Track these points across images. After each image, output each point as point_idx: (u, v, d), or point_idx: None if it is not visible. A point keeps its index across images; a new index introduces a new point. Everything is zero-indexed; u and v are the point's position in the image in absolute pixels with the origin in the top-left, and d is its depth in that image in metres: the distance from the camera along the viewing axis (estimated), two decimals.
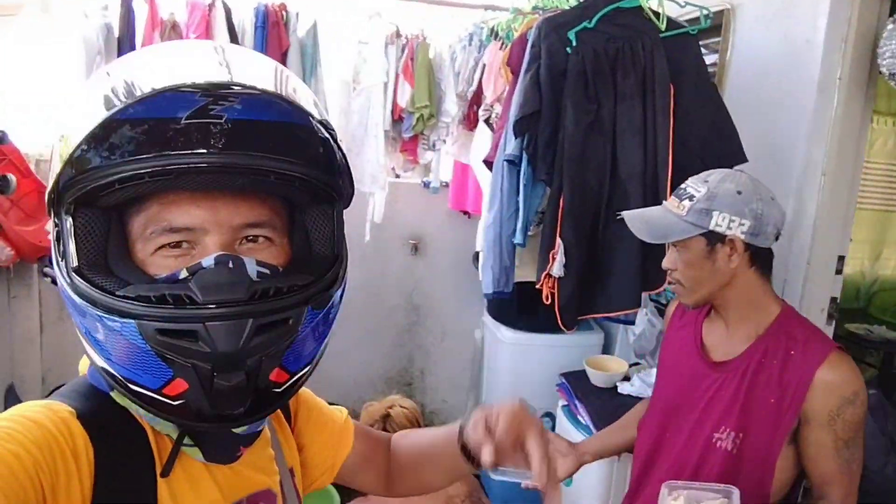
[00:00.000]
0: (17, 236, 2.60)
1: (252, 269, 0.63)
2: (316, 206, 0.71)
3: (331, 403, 0.97)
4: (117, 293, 0.59)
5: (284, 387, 0.66)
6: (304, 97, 0.68)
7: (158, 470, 0.67)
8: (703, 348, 1.43)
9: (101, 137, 0.59)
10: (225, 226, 0.64)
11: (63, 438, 0.61)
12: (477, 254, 3.07)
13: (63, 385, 0.72)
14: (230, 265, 0.62)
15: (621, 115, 1.81)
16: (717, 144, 1.89)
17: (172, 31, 2.57)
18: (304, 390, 0.91)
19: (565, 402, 2.55)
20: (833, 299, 2.09)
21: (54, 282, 2.35)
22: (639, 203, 1.77)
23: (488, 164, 1.95)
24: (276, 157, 0.62)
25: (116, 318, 0.59)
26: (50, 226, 0.65)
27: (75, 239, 0.62)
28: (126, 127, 0.59)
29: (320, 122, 0.68)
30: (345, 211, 0.73)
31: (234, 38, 2.70)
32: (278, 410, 0.87)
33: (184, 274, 0.61)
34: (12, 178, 2.49)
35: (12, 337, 2.77)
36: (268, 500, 0.78)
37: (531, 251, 2.01)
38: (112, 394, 0.68)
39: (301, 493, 0.88)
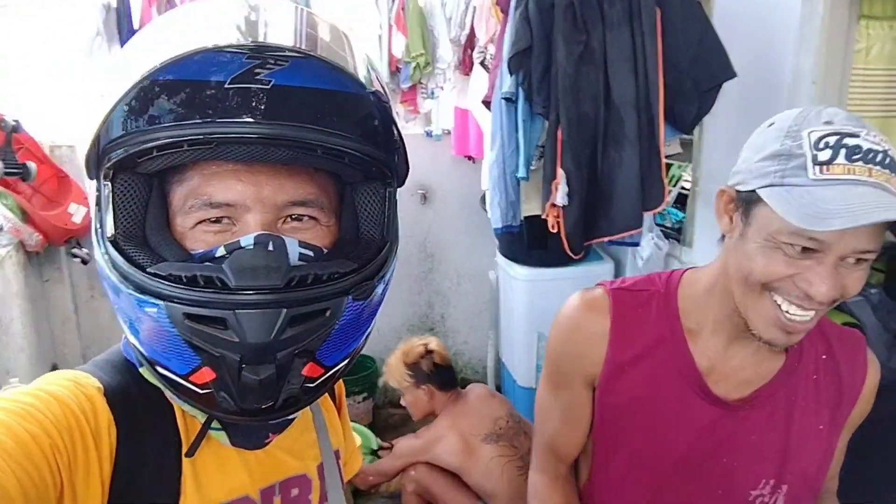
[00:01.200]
0: (44, 221, 2.71)
1: (294, 251, 0.60)
2: (367, 185, 0.66)
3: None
4: (148, 270, 0.56)
5: (318, 382, 0.62)
6: (359, 61, 0.63)
7: (184, 451, 0.65)
8: (703, 380, 1.00)
9: (139, 99, 0.55)
10: (268, 203, 0.60)
11: (84, 417, 0.58)
12: (484, 195, 3.14)
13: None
14: (270, 246, 0.58)
15: (611, 43, 1.85)
16: (707, 62, 1.93)
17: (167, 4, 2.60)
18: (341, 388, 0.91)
19: None
20: None
21: (84, 262, 2.50)
22: (633, 129, 1.83)
23: (487, 104, 2.01)
24: (326, 130, 0.57)
25: (145, 297, 0.55)
26: (90, 191, 0.62)
27: (113, 206, 0.59)
28: (165, 89, 0.55)
29: (374, 93, 0.62)
30: None
31: None
32: None
33: (221, 251, 0.58)
34: (32, 165, 2.58)
35: (50, 319, 2.90)
36: (302, 485, 0.75)
37: (535, 186, 2.08)
38: (141, 370, 0.65)
39: (346, 476, 0.85)
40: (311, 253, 0.61)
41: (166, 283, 0.55)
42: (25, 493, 0.51)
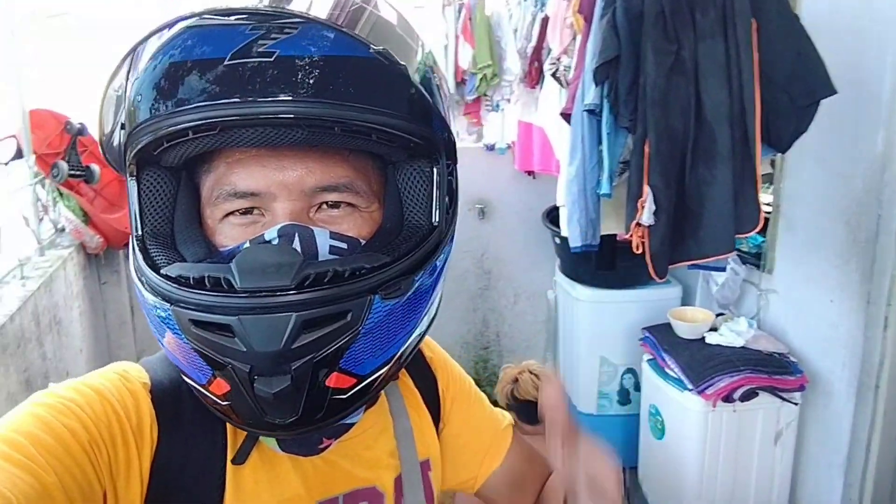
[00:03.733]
0: (104, 224, 2.71)
1: (324, 244, 0.53)
2: (411, 164, 0.59)
3: None
4: (161, 271, 0.52)
5: (351, 393, 0.54)
6: (386, 15, 0.57)
7: (230, 456, 0.60)
8: None
9: (139, 87, 0.52)
10: (295, 190, 0.54)
11: (125, 413, 0.56)
12: (549, 212, 3.05)
13: None
14: (296, 239, 0.52)
15: (703, 55, 1.74)
16: (804, 77, 1.80)
17: None
18: (463, 376, 0.82)
19: (651, 356, 2.52)
20: None
21: None
22: (727, 145, 1.71)
23: (566, 116, 1.92)
24: (337, 103, 0.50)
25: (155, 300, 0.51)
26: None
27: (139, 203, 0.56)
28: (161, 73, 0.50)
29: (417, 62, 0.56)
30: None
31: None
32: (415, 390, 0.76)
33: (246, 247, 0.53)
34: (96, 168, 2.59)
35: (107, 322, 2.90)
36: (372, 499, 0.67)
37: (611, 203, 1.98)
38: None
39: (437, 488, 0.76)
40: (344, 245, 0.54)
41: (174, 285, 0.50)
42: (66, 490, 0.48)
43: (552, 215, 2.96)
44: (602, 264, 2.39)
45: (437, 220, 0.58)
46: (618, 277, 2.77)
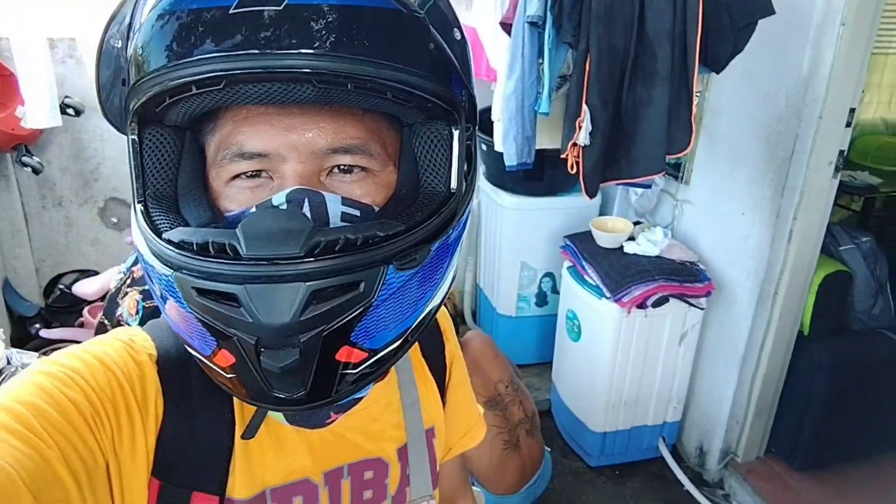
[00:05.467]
0: None
1: (335, 210, 0.51)
2: (427, 126, 0.56)
3: None
4: (163, 236, 0.50)
5: (363, 367, 0.52)
6: None
7: (237, 430, 0.59)
8: None
9: (138, 40, 0.49)
10: (305, 151, 0.52)
11: (130, 386, 0.54)
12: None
13: (111, 312, 0.66)
14: (305, 204, 0.49)
15: None
16: None
17: None
18: (461, 353, 0.82)
19: (571, 264, 2.61)
20: (841, 152, 2.11)
21: (35, 171, 2.27)
22: (666, 64, 1.70)
23: (506, 26, 1.83)
24: (352, 57, 0.46)
25: (157, 266, 0.49)
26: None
27: (141, 162, 0.53)
28: (161, 24, 0.47)
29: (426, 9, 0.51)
30: None
31: None
32: (422, 360, 0.75)
33: (252, 212, 0.50)
34: None
35: None
36: (378, 469, 0.68)
37: (546, 119, 1.95)
38: None
39: (440, 455, 0.76)
40: (356, 212, 0.52)
41: (176, 250, 0.47)
42: (68, 462, 0.47)
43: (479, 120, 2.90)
44: (531, 175, 2.39)
45: (455, 186, 0.55)
46: (542, 186, 2.80)
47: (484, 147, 2.84)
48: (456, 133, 0.55)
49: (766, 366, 2.35)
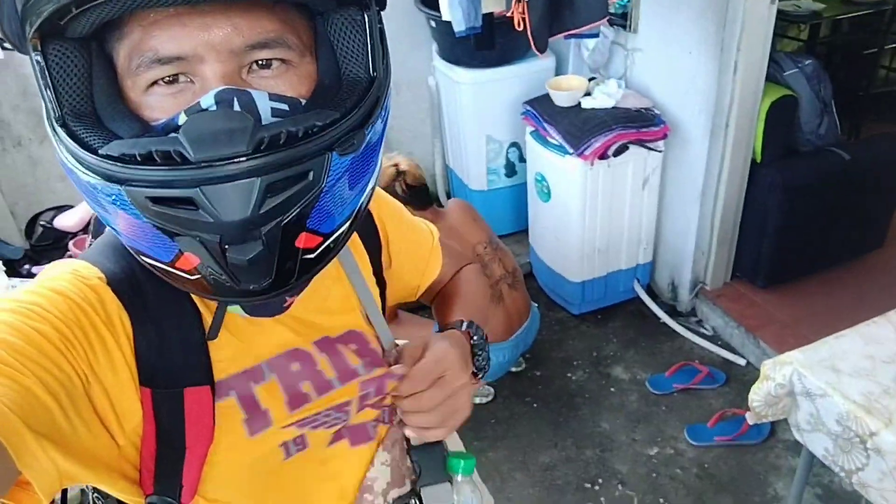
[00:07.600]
0: None
1: (265, 106, 0.51)
2: (340, 13, 0.55)
3: None
4: (100, 152, 0.49)
5: (319, 251, 0.55)
6: None
7: (206, 321, 0.62)
8: None
9: None
10: (223, 50, 0.51)
11: (92, 308, 0.56)
12: None
13: (99, 234, 0.66)
14: (235, 104, 0.50)
15: None
16: None
17: None
18: (390, 201, 0.85)
19: (533, 128, 2.69)
20: None
21: None
22: None
23: None
24: None
25: (102, 183, 0.49)
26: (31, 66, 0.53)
27: (52, 81, 0.51)
28: None
29: None
30: None
31: None
32: (357, 240, 0.77)
33: (182, 119, 0.51)
34: None
35: None
36: (356, 341, 0.73)
37: None
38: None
39: (387, 310, 0.81)
40: (285, 106, 0.53)
41: (120, 164, 0.47)
42: (48, 388, 0.50)
43: None
44: (482, 44, 2.42)
45: (375, 70, 0.56)
46: (495, 55, 2.82)
47: (433, 24, 2.84)
48: (368, 17, 0.55)
49: (724, 196, 2.50)
